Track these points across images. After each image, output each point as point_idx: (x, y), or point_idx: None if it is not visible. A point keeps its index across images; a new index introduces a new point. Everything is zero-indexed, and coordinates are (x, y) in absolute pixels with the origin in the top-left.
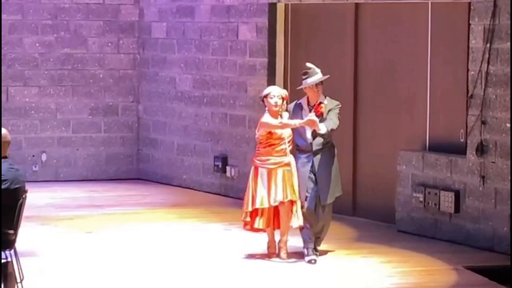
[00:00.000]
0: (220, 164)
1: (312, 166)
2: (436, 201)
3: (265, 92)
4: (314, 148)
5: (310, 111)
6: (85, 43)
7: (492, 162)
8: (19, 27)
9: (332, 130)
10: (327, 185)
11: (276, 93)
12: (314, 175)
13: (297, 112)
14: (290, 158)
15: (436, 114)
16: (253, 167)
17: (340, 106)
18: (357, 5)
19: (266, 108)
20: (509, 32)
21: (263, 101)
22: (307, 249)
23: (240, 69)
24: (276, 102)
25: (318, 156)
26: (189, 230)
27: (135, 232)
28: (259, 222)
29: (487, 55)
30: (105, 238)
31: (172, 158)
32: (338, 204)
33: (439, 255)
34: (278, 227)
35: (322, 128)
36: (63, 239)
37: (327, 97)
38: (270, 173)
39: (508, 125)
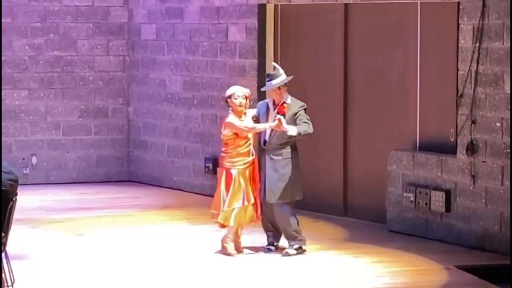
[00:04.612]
0: (210, 165)
1: (265, 164)
2: (427, 200)
3: (229, 92)
4: (268, 147)
5: (273, 109)
6: (74, 45)
7: (483, 161)
8: (8, 30)
9: (306, 134)
10: (273, 185)
11: (240, 93)
12: (265, 174)
13: (263, 111)
14: (254, 157)
15: (426, 113)
16: (224, 170)
17: (305, 107)
18: (346, 5)
19: (230, 108)
20: (498, 31)
21: (226, 101)
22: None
23: (230, 70)
24: (240, 102)
25: (270, 155)
26: (180, 232)
27: (126, 234)
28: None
29: (476, 55)
30: (96, 241)
31: (162, 160)
32: (329, 204)
33: (430, 254)
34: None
35: (292, 130)
36: (53, 242)
37: (290, 97)
38: (240, 173)
39: (498, 124)
